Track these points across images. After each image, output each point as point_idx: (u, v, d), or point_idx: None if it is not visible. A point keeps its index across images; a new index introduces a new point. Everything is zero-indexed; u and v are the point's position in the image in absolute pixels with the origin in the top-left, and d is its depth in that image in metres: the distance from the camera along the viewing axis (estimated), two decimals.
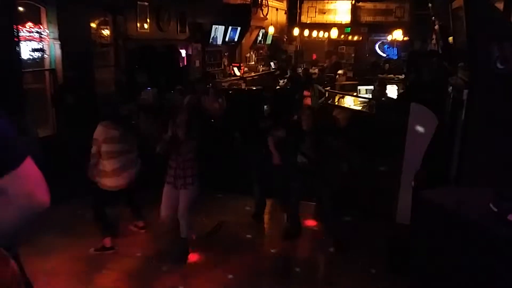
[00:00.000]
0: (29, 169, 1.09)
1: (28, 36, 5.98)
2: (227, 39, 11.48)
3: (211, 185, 5.67)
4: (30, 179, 1.09)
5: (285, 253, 4.57)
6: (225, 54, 12.49)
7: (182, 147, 4.12)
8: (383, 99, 7.36)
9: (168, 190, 4.25)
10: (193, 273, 4.09)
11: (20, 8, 5.92)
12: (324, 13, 16.41)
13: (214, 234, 4.91)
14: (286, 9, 16.51)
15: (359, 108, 7.66)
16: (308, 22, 16.46)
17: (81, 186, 4.53)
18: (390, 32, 15.58)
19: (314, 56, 16.25)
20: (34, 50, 6.14)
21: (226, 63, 12.44)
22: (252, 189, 5.22)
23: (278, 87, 10.60)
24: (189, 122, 4.13)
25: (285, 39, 16.53)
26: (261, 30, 14.22)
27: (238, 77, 12.30)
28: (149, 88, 7.02)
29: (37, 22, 6.19)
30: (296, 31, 15.82)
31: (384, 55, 16.49)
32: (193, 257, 4.33)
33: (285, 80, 11.25)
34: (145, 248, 4.53)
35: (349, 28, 16.22)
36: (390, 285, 3.93)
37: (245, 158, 5.20)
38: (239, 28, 11.85)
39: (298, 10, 16.40)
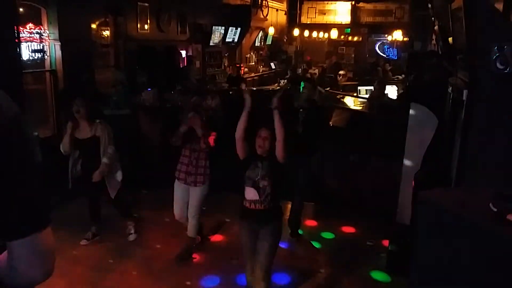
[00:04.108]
0: (46, 239, 0.99)
1: (28, 37, 5.99)
2: (227, 40, 11.50)
3: (212, 184, 5.67)
4: (41, 251, 0.98)
5: (285, 253, 4.57)
6: (225, 54, 12.50)
7: (198, 143, 4.06)
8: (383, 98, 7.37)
9: (178, 187, 4.22)
10: (195, 273, 4.10)
11: (21, 9, 5.93)
12: (324, 13, 16.42)
13: (214, 234, 4.92)
14: (286, 9, 16.52)
15: (360, 108, 7.67)
16: (308, 22, 16.46)
17: (81, 186, 4.55)
18: (390, 33, 15.59)
19: (308, 58, 16.09)
20: (35, 51, 6.14)
21: (226, 64, 12.45)
22: None
23: (278, 87, 10.61)
24: (207, 121, 4.08)
25: (285, 40, 16.54)
26: (261, 30, 14.23)
27: None
28: (149, 89, 7.03)
29: (37, 23, 6.20)
30: (296, 32, 15.83)
31: (384, 55, 16.49)
32: (197, 257, 4.36)
33: (285, 80, 11.27)
34: (147, 248, 4.54)
35: (349, 29, 16.23)
36: (390, 285, 3.94)
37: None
38: (239, 29, 11.86)
39: (298, 11, 16.41)
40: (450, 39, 3.77)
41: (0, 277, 0.99)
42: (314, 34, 16.19)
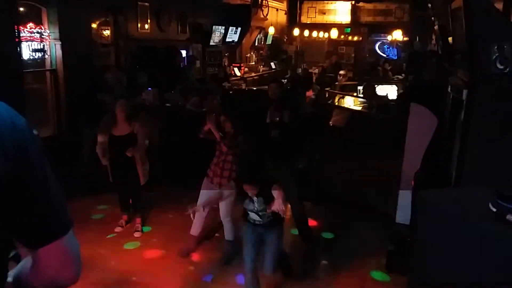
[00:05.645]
0: (71, 241, 1.00)
1: (29, 37, 6.00)
2: (227, 40, 11.50)
3: None
4: (68, 254, 1.00)
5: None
6: (226, 54, 12.50)
7: (224, 145, 4.12)
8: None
9: (205, 182, 4.28)
10: (199, 272, 4.11)
11: (21, 9, 5.94)
12: (324, 13, 16.43)
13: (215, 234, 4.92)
14: (286, 9, 16.53)
15: (359, 108, 7.68)
16: (308, 22, 16.48)
17: (82, 187, 4.57)
18: (390, 33, 15.60)
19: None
20: (35, 50, 6.15)
21: (226, 64, 12.46)
22: None
23: None
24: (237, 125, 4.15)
25: (285, 40, 16.55)
26: (261, 30, 14.23)
27: (239, 78, 12.33)
28: (149, 89, 7.04)
29: (38, 22, 6.21)
30: (296, 32, 15.84)
31: (384, 55, 16.50)
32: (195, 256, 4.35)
33: (286, 80, 11.27)
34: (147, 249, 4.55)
35: (349, 29, 16.24)
36: (390, 285, 3.94)
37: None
38: (239, 29, 11.87)
39: (298, 11, 16.42)
40: (450, 39, 3.77)
41: (30, 286, 1.01)
42: (314, 33, 16.21)
